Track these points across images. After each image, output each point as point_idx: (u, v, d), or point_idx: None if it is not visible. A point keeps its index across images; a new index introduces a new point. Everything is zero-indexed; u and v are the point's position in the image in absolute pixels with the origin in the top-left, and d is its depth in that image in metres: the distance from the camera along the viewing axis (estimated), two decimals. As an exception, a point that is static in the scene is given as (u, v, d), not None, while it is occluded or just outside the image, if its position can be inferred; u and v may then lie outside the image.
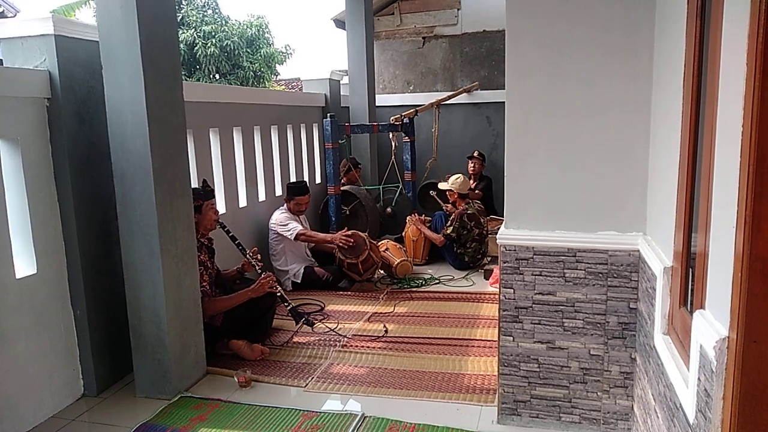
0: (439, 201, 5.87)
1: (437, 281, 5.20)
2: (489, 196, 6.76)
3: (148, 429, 2.83)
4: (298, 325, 3.89)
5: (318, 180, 6.69)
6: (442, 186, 5.73)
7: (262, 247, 5.06)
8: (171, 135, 3.12)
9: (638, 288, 2.47)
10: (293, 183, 5.23)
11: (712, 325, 1.35)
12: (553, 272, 2.58)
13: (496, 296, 2.94)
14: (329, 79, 6.85)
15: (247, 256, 3.91)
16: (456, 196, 5.59)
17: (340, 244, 4.92)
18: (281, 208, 5.15)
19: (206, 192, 3.76)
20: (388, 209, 6.50)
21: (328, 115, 5.76)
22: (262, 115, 5.42)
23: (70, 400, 3.12)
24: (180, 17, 16.68)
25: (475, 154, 6.79)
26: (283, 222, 4.97)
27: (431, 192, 5.90)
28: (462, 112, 7.42)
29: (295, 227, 4.94)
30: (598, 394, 2.62)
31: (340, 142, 5.85)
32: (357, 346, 3.76)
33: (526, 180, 2.58)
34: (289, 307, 3.86)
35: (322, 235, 5.15)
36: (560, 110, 2.49)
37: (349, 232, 5.02)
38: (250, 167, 5.17)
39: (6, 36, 2.98)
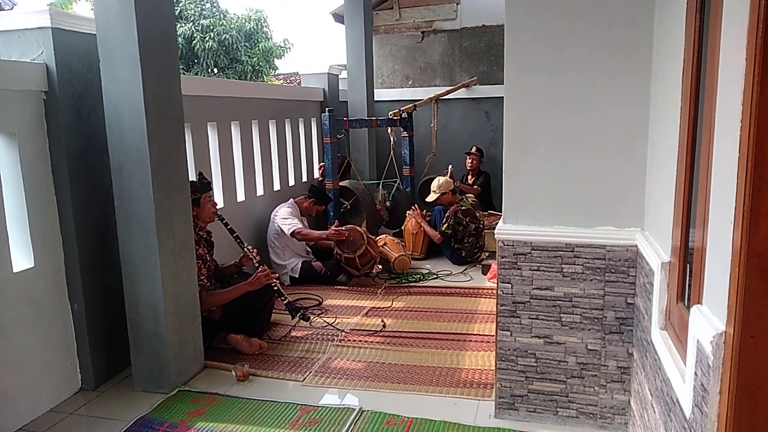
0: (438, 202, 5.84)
1: (435, 276, 5.21)
2: (487, 191, 6.77)
3: (146, 423, 2.83)
4: (294, 320, 3.89)
5: (316, 175, 6.67)
6: (429, 199, 5.73)
7: (260, 241, 5.06)
8: (169, 129, 3.11)
9: (636, 283, 2.48)
10: (321, 190, 5.37)
11: (710, 321, 1.36)
12: (551, 267, 2.59)
13: (494, 291, 2.94)
14: (328, 73, 6.83)
15: (245, 249, 3.91)
16: (449, 195, 5.61)
17: (333, 237, 4.93)
18: (288, 202, 5.16)
19: (203, 184, 3.76)
20: (387, 203, 6.50)
21: (327, 109, 5.74)
22: (260, 109, 5.41)
23: (68, 394, 3.13)
24: (178, 11, 16.58)
25: (473, 150, 6.80)
26: (285, 216, 4.98)
27: (426, 200, 5.89)
28: (461, 107, 7.41)
29: (293, 224, 4.94)
30: (595, 388, 2.63)
31: (338, 136, 5.83)
32: (355, 340, 3.77)
33: (525, 175, 2.58)
34: (285, 302, 3.87)
35: (316, 233, 5.14)
36: (559, 105, 2.49)
37: (343, 228, 5.02)
38: (248, 162, 5.16)
39: (3, 29, 2.97)
